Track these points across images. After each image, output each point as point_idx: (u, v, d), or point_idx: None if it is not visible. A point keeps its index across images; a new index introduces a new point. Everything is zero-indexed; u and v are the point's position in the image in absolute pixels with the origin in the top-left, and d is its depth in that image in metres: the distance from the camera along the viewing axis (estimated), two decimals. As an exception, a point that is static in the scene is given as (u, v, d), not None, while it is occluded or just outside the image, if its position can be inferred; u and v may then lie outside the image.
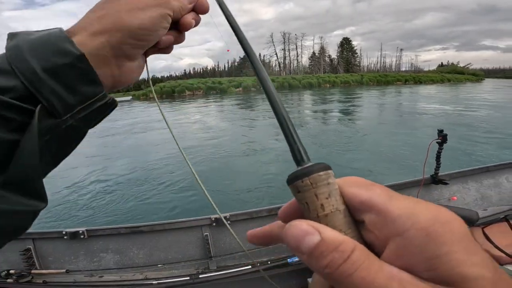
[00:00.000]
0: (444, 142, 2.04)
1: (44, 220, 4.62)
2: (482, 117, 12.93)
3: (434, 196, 2.23)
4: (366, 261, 0.15)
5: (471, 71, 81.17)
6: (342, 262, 0.15)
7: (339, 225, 0.17)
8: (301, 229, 0.16)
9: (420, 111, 16.30)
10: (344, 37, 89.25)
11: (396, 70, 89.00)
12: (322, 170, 0.18)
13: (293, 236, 0.16)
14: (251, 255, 1.79)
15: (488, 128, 10.16)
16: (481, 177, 2.36)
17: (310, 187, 0.17)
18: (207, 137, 10.57)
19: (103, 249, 1.79)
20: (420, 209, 0.15)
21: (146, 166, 7.50)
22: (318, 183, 0.17)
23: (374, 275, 0.14)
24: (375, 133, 10.40)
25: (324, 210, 0.17)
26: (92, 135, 13.29)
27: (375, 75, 66.30)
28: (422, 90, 38.18)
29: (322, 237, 0.15)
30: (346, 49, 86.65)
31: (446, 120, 12.55)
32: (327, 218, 0.17)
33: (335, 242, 0.15)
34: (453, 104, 19.26)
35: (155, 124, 15.05)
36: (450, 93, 32.77)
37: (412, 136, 9.20)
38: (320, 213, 0.17)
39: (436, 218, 0.15)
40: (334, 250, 0.15)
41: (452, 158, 6.21)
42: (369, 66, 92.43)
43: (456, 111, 15.22)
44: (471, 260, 0.14)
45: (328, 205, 0.17)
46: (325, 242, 0.15)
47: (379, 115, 16.59)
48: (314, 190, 0.17)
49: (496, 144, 7.90)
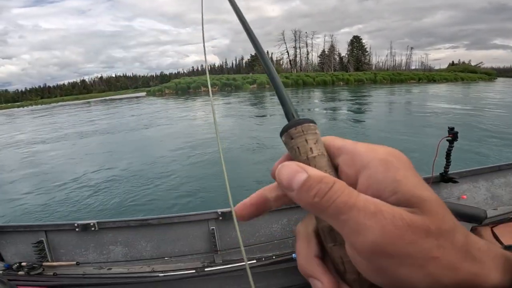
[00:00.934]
0: (454, 140, 2.01)
1: (56, 212, 4.78)
2: (496, 116, 12.63)
3: (443, 194, 2.20)
4: (346, 190, 0.18)
5: (483, 70, 79.59)
6: (328, 190, 0.17)
7: (324, 166, 0.20)
8: (291, 168, 0.19)
9: (433, 109, 16.06)
10: (354, 35, 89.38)
11: (406, 69, 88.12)
12: (311, 122, 0.21)
13: (285, 175, 0.19)
14: (257, 250, 1.81)
15: (502, 127, 9.93)
16: (492, 176, 2.32)
17: (301, 134, 0.21)
18: (220, 131, 10.62)
19: (112, 242, 1.83)
20: (378, 147, 0.20)
21: (156, 161, 7.65)
22: (308, 131, 0.21)
23: (354, 199, 0.17)
24: (387, 130, 10.37)
25: (313, 152, 0.20)
26: (102, 131, 13.65)
27: (389, 73, 66.08)
28: (435, 88, 37.77)
29: (309, 174, 0.18)
30: (356, 47, 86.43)
31: (460, 119, 12.29)
32: (315, 159, 0.20)
33: (320, 177, 0.18)
34: (467, 103, 18.90)
35: (163, 119, 15.39)
36: (464, 92, 32.22)
37: (423, 134, 9.10)
38: (310, 155, 0.20)
39: (390, 152, 0.19)
40: (320, 182, 0.18)
41: (464, 157, 6.12)
42: (378, 65, 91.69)
43: (470, 110, 14.93)
44: (422, 185, 0.18)
45: (315, 149, 0.20)
46: (311, 177, 0.18)
47: (391, 113, 16.51)
48: (305, 136, 0.21)
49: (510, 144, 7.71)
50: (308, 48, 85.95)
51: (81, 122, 19.34)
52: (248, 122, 12.59)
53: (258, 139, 9.38)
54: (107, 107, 33.63)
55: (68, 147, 10.67)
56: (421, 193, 0.17)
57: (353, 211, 0.16)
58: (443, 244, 0.16)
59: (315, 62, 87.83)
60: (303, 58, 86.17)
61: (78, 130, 14.95)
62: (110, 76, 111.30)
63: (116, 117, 20.48)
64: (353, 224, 0.17)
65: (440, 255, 0.16)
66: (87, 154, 9.32)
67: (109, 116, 22.28)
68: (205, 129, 12.21)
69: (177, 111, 21.21)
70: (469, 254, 0.17)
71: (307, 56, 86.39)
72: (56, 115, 29.23)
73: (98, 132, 13.74)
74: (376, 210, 0.16)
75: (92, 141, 11.57)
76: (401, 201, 0.17)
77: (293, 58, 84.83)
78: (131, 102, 38.44)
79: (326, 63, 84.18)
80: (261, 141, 9.08)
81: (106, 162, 7.81)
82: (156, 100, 38.49)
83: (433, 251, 0.16)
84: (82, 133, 13.90)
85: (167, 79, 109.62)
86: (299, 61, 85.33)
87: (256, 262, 1.70)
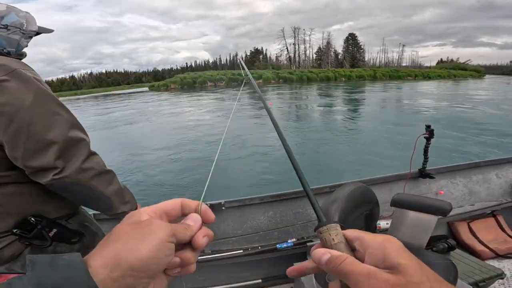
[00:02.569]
0: (431, 137, 2.12)
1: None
2: (488, 114, 12.93)
3: (422, 190, 2.30)
4: (352, 262, 0.30)
5: (472, 67, 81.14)
6: (340, 263, 0.30)
7: (342, 248, 0.32)
8: (321, 252, 0.32)
9: (429, 106, 16.45)
10: (350, 33, 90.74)
11: (398, 65, 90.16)
12: (334, 223, 0.34)
13: (317, 255, 0.32)
14: (243, 241, 1.92)
15: (491, 124, 10.20)
16: (470, 173, 2.40)
17: (327, 230, 0.33)
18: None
19: (105, 232, 1.92)
20: (378, 236, 0.32)
21: (151, 153, 7.85)
22: (331, 229, 0.34)
23: (356, 267, 0.29)
24: (377, 126, 10.57)
25: (334, 241, 0.33)
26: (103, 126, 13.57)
27: (387, 70, 67.53)
28: (430, 85, 38.81)
29: (331, 254, 0.31)
30: (351, 44, 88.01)
31: (451, 115, 12.52)
32: (336, 245, 0.32)
33: (337, 255, 0.31)
34: (460, 100, 19.22)
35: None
36: (456, 88, 33.08)
37: (409, 131, 9.32)
38: (332, 243, 0.33)
39: (385, 238, 0.31)
40: (336, 259, 0.30)
41: (454, 154, 6.34)
42: (370, 61, 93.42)
43: (463, 107, 15.25)
44: (401, 255, 0.28)
45: (336, 239, 0.33)
46: (332, 256, 0.31)
47: (386, 109, 16.88)
48: (329, 232, 0.33)
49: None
50: (306, 45, 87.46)
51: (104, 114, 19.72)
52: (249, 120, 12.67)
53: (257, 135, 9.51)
54: (122, 100, 34.16)
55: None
56: (399, 260, 0.28)
57: (354, 273, 0.28)
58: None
59: (312, 59, 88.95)
60: (301, 55, 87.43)
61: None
62: (100, 72, 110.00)
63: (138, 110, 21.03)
64: (354, 280, 0.28)
65: None
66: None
67: (132, 108, 22.80)
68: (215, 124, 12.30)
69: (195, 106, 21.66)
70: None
71: (304, 52, 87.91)
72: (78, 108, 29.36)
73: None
74: (368, 272, 0.28)
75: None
76: (387, 267, 0.28)
77: (293, 54, 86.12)
78: (143, 96, 38.32)
79: (324, 60, 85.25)
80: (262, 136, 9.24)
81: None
82: (160, 94, 38.89)
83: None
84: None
85: (160, 75, 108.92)
86: (298, 58, 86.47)
87: (243, 252, 1.80)
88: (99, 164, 0.92)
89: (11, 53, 0.93)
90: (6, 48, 0.90)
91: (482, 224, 2.27)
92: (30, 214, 0.88)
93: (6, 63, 0.80)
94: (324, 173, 5.77)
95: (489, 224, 2.30)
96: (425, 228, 1.48)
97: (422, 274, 0.27)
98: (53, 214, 0.94)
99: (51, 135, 0.80)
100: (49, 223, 0.91)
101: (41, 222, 0.89)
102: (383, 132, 9.58)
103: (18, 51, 0.96)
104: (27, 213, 0.87)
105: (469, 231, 2.24)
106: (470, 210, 2.20)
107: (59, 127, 0.83)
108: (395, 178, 2.27)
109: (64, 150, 0.83)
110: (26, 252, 0.91)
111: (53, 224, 0.93)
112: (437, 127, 2.16)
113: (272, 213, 1.99)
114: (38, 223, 0.88)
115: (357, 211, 1.39)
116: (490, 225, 2.30)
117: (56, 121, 0.82)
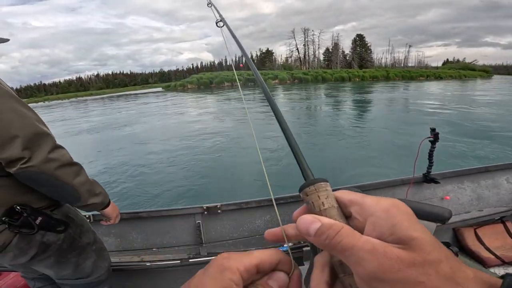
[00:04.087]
0: (436, 141, 2.07)
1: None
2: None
3: (426, 195, 2.25)
4: (351, 233, 0.24)
5: (480, 67, 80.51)
6: (335, 235, 0.24)
7: (334, 215, 0.27)
8: (308, 219, 0.26)
9: (441, 107, 16.29)
10: (357, 34, 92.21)
11: (404, 66, 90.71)
12: (323, 181, 0.28)
13: (304, 224, 0.26)
14: (240, 244, 1.92)
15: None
16: (479, 178, 2.33)
17: (314, 191, 0.27)
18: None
19: (106, 233, 1.93)
20: (382, 199, 0.25)
21: (151, 156, 7.93)
22: (319, 189, 0.27)
23: (356, 240, 0.23)
24: (386, 128, 10.49)
25: (324, 206, 0.27)
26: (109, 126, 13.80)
27: (400, 70, 68.48)
28: (443, 85, 38.97)
29: (322, 222, 0.25)
30: (359, 45, 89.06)
31: (463, 116, 12.19)
32: (326, 211, 0.27)
33: (330, 224, 0.25)
34: (472, 100, 18.93)
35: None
36: (468, 88, 32.98)
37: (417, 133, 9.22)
38: (321, 208, 0.27)
39: (392, 203, 0.25)
40: (329, 229, 0.24)
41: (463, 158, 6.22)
42: (376, 62, 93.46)
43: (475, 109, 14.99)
44: (414, 227, 0.23)
45: (326, 203, 0.27)
46: (323, 225, 0.25)
47: (396, 109, 16.87)
48: (317, 193, 0.27)
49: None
50: (315, 46, 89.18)
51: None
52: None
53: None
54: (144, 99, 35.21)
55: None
56: (411, 233, 0.22)
57: (354, 249, 0.23)
58: (428, 271, 0.21)
59: (321, 59, 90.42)
60: (310, 55, 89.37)
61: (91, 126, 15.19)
62: (107, 73, 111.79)
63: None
64: (355, 258, 0.22)
65: (426, 280, 0.21)
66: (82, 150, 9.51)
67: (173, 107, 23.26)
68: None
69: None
70: (453, 280, 0.21)
71: (314, 53, 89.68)
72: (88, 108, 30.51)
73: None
74: (372, 247, 0.22)
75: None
76: (396, 240, 0.22)
77: (303, 55, 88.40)
78: (164, 96, 39.31)
79: (333, 60, 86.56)
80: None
81: (96, 159, 8.04)
82: (184, 94, 40.02)
83: (418, 277, 0.21)
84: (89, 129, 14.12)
85: (167, 76, 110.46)
86: (308, 58, 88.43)
87: None
88: (64, 156, 0.96)
89: None
90: None
91: (489, 230, 2.20)
92: (15, 204, 0.93)
93: None
94: (328, 175, 5.65)
95: (497, 230, 2.22)
96: None
97: (440, 251, 0.22)
98: (36, 204, 0.99)
99: (13, 130, 0.86)
100: (34, 211, 0.97)
101: (26, 210, 0.94)
102: (394, 134, 9.46)
103: None
104: (11, 204, 0.93)
105: (475, 237, 2.17)
106: (477, 216, 2.14)
107: (21, 122, 0.88)
108: (398, 183, 2.22)
109: (29, 141, 0.88)
110: (15, 241, 0.96)
111: (38, 213, 0.98)
112: (450, 130, 2.11)
113: (269, 217, 1.99)
114: (23, 211, 0.94)
115: None
116: (498, 232, 2.21)
117: (17, 117, 0.88)
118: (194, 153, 7.95)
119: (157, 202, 4.96)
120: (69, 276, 1.21)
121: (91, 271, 1.26)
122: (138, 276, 1.82)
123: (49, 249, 1.05)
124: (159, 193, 5.38)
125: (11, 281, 1.65)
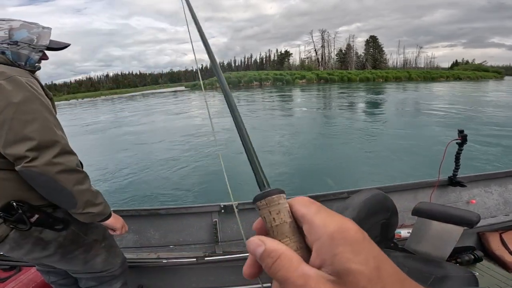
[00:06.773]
0: (464, 143, 2.04)
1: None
2: None
3: (451, 198, 2.23)
4: (287, 264, 0.23)
5: (492, 68, 79.66)
6: (272, 264, 0.23)
7: (286, 232, 0.25)
8: (254, 242, 0.25)
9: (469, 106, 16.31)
10: (370, 35, 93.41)
11: (415, 67, 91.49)
12: (275, 194, 0.26)
13: (251, 247, 0.25)
14: None
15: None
16: (507, 181, 2.30)
17: (265, 206, 0.25)
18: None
19: None
20: (331, 221, 0.23)
21: (170, 153, 8.12)
22: (271, 203, 0.25)
23: (291, 272, 0.22)
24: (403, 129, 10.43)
25: (275, 221, 0.25)
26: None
27: (421, 72, 69.99)
28: (465, 86, 39.69)
29: (265, 247, 0.24)
30: (372, 46, 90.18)
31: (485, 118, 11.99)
32: (277, 227, 0.25)
33: (270, 251, 0.23)
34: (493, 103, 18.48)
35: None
36: (487, 89, 32.80)
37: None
38: (273, 224, 0.25)
39: (338, 228, 0.22)
40: (268, 256, 0.23)
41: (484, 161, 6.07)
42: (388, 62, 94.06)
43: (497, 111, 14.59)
44: (355, 259, 0.21)
45: (278, 219, 0.25)
46: (266, 251, 0.24)
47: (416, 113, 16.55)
48: (268, 208, 0.25)
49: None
50: (331, 47, 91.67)
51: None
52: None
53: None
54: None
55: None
56: (350, 266, 0.21)
57: (288, 282, 0.22)
58: None
59: (335, 60, 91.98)
60: (326, 56, 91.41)
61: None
62: (116, 74, 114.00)
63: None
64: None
65: None
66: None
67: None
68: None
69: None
70: None
71: (329, 54, 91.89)
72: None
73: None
74: (304, 283, 0.21)
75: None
76: (334, 272, 0.21)
77: (320, 56, 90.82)
78: (195, 95, 40.85)
79: (348, 62, 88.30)
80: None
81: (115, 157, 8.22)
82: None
83: None
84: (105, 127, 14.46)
85: (176, 76, 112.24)
86: (324, 59, 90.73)
87: None
88: (70, 162, 1.00)
89: (21, 66, 1.06)
90: (17, 62, 1.05)
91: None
92: (14, 199, 0.98)
93: (5, 71, 0.96)
94: (346, 177, 5.62)
95: (524, 235, 2.18)
96: (448, 239, 1.43)
97: (377, 281, 0.21)
98: (37, 202, 1.03)
99: (28, 130, 0.93)
100: (32, 209, 1.01)
101: (22, 207, 0.99)
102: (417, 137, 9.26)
103: (31, 64, 1.10)
104: (12, 198, 0.99)
105: (501, 242, 2.14)
106: (504, 221, 2.11)
107: (38, 124, 0.95)
108: (422, 186, 2.21)
109: (42, 145, 0.94)
110: (12, 234, 1.01)
111: (37, 210, 1.02)
112: (475, 132, 2.07)
113: None
114: (20, 207, 0.98)
115: (372, 219, 1.34)
116: (525, 237, 2.18)
117: (36, 119, 0.95)
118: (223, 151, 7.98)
119: (179, 198, 5.07)
120: (80, 271, 1.27)
121: (102, 267, 1.29)
122: (154, 273, 1.85)
123: (50, 245, 1.09)
124: (176, 190, 5.46)
125: (32, 276, 1.70)
